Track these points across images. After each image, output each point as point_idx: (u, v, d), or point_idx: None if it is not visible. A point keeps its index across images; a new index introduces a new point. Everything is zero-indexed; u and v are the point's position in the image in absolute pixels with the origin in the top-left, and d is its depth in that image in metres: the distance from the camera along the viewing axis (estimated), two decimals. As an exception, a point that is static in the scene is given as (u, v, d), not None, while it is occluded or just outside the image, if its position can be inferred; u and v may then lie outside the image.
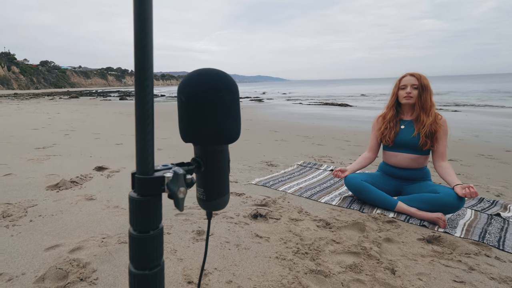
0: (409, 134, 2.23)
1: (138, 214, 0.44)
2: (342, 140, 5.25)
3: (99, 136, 5.51)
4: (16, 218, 1.96)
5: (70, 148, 4.33)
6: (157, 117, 9.35)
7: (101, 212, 2.09)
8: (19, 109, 12.41)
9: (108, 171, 3.10)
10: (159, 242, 0.46)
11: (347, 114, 10.34)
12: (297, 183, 2.74)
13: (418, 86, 2.19)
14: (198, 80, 0.51)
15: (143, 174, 0.44)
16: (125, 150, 4.25)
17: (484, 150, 4.64)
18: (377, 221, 2.01)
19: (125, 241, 1.69)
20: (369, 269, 1.45)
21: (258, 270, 1.45)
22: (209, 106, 0.50)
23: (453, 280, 1.43)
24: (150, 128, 0.43)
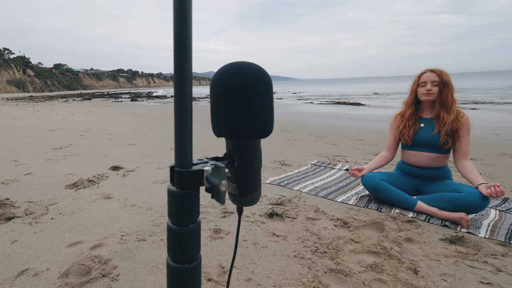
0: (429, 132, 2.17)
1: (177, 207, 0.43)
2: (356, 139, 5.18)
3: (112, 136, 5.60)
4: (38, 215, 2.01)
5: (85, 148, 4.41)
6: (166, 118, 9.50)
7: (119, 210, 2.13)
8: (35, 111, 12.75)
9: (123, 171, 3.15)
10: (197, 236, 0.46)
11: (360, 113, 10.21)
12: (312, 182, 2.72)
13: (439, 83, 2.12)
14: (233, 73, 0.50)
15: (182, 167, 0.43)
16: (139, 150, 4.31)
17: (506, 149, 4.49)
18: (396, 220, 1.96)
19: (143, 239, 1.71)
20: (391, 269, 1.42)
21: (277, 268, 1.44)
22: (245, 100, 0.49)
23: (479, 281, 1.39)
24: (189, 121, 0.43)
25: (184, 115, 0.42)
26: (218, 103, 0.51)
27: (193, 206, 0.44)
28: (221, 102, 0.50)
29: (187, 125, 0.43)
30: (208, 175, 0.44)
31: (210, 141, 4.92)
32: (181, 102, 0.41)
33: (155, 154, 4.01)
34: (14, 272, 1.39)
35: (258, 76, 0.50)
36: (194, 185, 0.44)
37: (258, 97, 0.50)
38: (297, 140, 5.02)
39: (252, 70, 0.50)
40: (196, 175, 0.44)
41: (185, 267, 0.44)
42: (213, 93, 0.52)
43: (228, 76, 0.50)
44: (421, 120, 2.24)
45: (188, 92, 0.41)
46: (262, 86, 0.50)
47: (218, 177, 0.43)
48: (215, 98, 0.51)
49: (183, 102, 0.41)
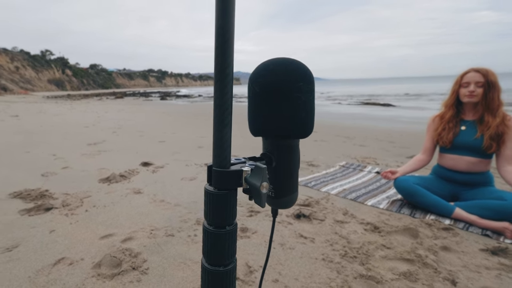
0: (471, 136, 2.03)
1: (215, 208, 0.42)
2: (386, 141, 4.99)
3: (143, 134, 5.73)
4: (74, 207, 2.10)
5: (118, 144, 4.56)
6: (194, 117, 9.69)
7: (149, 205, 2.17)
8: (72, 108, 13.24)
9: (153, 167, 3.22)
10: (233, 238, 0.44)
11: (390, 114, 9.86)
12: (340, 184, 2.64)
13: (484, 84, 1.97)
14: (273, 70, 0.47)
15: (221, 167, 0.42)
16: (168, 147, 4.38)
17: None
18: (432, 227, 1.86)
19: (172, 234, 1.74)
20: (426, 278, 1.34)
21: (304, 271, 1.41)
22: (286, 98, 0.47)
23: None
24: (228, 119, 0.41)
25: (223, 113, 0.41)
26: (257, 100, 0.49)
27: (230, 207, 0.43)
28: (260, 100, 0.48)
29: (227, 123, 0.41)
30: (247, 176, 0.42)
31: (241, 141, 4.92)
32: (221, 99, 0.40)
33: (183, 152, 4.07)
34: (52, 260, 1.45)
35: (300, 73, 0.47)
36: (232, 186, 0.42)
37: (300, 94, 0.47)
38: (324, 141, 4.92)
39: (293, 66, 0.48)
40: (235, 176, 0.42)
41: (220, 270, 0.43)
42: (252, 90, 0.49)
43: (268, 73, 0.47)
44: (462, 123, 2.10)
45: (228, 89, 0.40)
46: (304, 83, 0.47)
47: (259, 178, 0.41)
48: (254, 95, 0.49)
49: (223, 99, 0.40)
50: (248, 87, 0.50)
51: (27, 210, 2.01)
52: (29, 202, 2.15)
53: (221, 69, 0.39)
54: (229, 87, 0.40)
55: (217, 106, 0.40)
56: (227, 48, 0.38)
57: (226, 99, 0.40)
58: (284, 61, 0.48)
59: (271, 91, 0.47)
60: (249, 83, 0.50)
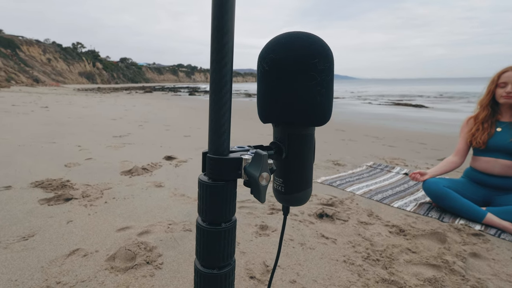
0: (507, 138, 1.87)
1: (209, 202, 0.35)
2: (417, 142, 4.71)
3: (169, 128, 5.54)
4: (94, 199, 2.03)
5: (143, 137, 4.40)
6: (205, 111, 9.34)
7: (169, 199, 2.09)
8: (101, 101, 12.74)
9: (176, 161, 3.10)
10: (231, 237, 0.37)
11: (422, 116, 9.28)
12: (366, 184, 2.53)
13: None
14: (285, 44, 0.39)
15: (217, 153, 0.35)
16: (193, 142, 4.26)
17: None
18: (461, 232, 1.72)
19: (189, 229, 1.67)
20: (452, 286, 1.24)
21: (324, 272, 1.33)
22: (298, 77, 0.38)
23: None
24: (226, 98, 0.33)
25: (221, 91, 0.33)
26: (266, 80, 0.41)
27: (227, 201, 0.35)
28: (269, 79, 0.40)
29: (225, 102, 0.34)
30: (247, 165, 0.34)
31: (252, 135, 4.78)
32: (218, 74, 0.33)
33: (207, 146, 4.06)
34: (66, 251, 1.39)
35: (316, 48, 0.38)
36: (229, 176, 0.35)
37: (315, 73, 0.38)
38: (352, 140, 4.75)
39: (309, 41, 0.39)
40: (233, 164, 0.35)
41: (214, 273, 0.37)
42: (261, 68, 0.41)
43: (280, 48, 0.39)
44: (498, 124, 1.94)
45: (227, 61, 0.33)
46: (320, 60, 0.38)
47: (258, 167, 0.33)
48: (263, 74, 0.41)
49: (220, 74, 0.33)
50: (257, 67, 0.43)
51: (47, 200, 1.96)
52: (50, 192, 2.09)
53: (218, 40, 0.32)
54: (228, 59, 0.33)
55: (214, 83, 0.33)
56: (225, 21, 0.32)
57: (224, 73, 0.33)
58: (300, 34, 0.39)
59: (281, 68, 0.38)
60: (258, 62, 0.42)
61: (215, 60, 0.33)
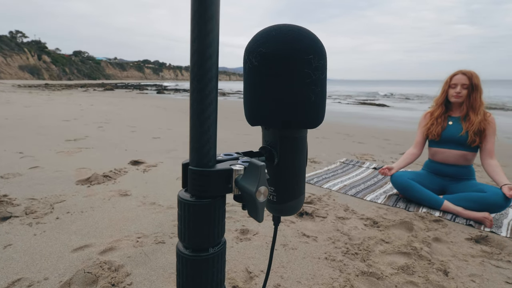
0: (457, 130, 2.02)
1: (193, 225, 0.27)
2: (382, 139, 4.89)
3: (135, 129, 4.78)
4: (41, 215, 1.64)
5: (103, 141, 3.74)
6: (185, 112, 8.03)
7: (137, 209, 1.80)
8: (50, 99, 10.46)
9: (144, 166, 2.68)
10: (220, 263, 0.29)
11: (385, 114, 9.64)
12: (341, 180, 2.60)
13: (468, 86, 1.98)
14: (277, 37, 0.32)
15: (201, 165, 0.27)
16: (163, 144, 3.71)
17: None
18: (424, 220, 1.82)
19: (162, 241, 1.44)
20: (421, 271, 1.31)
21: (307, 272, 1.28)
22: (292, 73, 0.32)
23: (505, 281, 1.27)
24: (212, 97, 0.26)
25: (205, 89, 0.26)
26: (254, 77, 0.34)
27: (216, 221, 0.28)
28: (259, 75, 0.33)
29: (210, 102, 0.26)
30: (238, 178, 0.28)
31: (238, 137, 4.31)
32: (202, 68, 0.26)
33: (180, 149, 3.42)
34: (3, 284, 1.09)
35: (310, 44, 0.33)
36: (217, 191, 0.27)
37: (309, 71, 0.33)
38: (325, 138, 4.84)
39: (303, 34, 0.33)
40: (221, 177, 0.27)
41: None
42: (249, 63, 0.34)
43: (270, 41, 0.32)
44: (450, 118, 2.09)
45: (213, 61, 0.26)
46: (315, 57, 0.33)
47: (254, 181, 0.27)
48: (251, 70, 0.34)
49: (204, 67, 0.26)
50: (243, 62, 0.35)
51: (-27, 222, 1.50)
52: (-23, 211, 1.61)
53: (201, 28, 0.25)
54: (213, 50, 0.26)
55: (196, 79, 0.26)
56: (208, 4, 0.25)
57: (209, 68, 0.26)
58: (291, 27, 0.33)
59: (273, 64, 0.32)
60: (245, 56, 0.35)
61: (196, 51, 0.25)
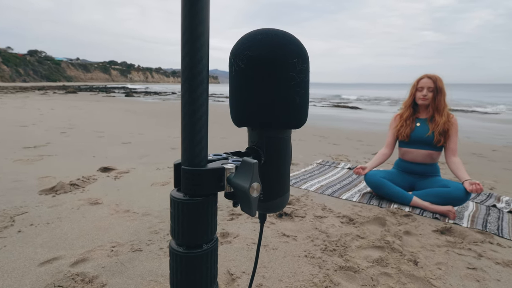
0: (424, 131, 2.17)
1: (186, 222, 0.28)
2: (355, 140, 5.10)
3: (103, 134, 4.56)
4: (0, 228, 1.54)
5: (68, 147, 3.52)
6: (166, 116, 7.89)
7: (109, 217, 1.73)
8: (2, 103, 9.77)
9: (115, 172, 2.57)
10: (213, 259, 0.30)
11: (358, 116, 10.05)
12: (318, 181, 2.68)
13: (434, 89, 2.13)
14: (264, 41, 0.34)
15: (193, 164, 0.28)
16: (135, 149, 3.55)
17: (476, 150, 4.47)
18: (396, 215, 1.93)
19: (139, 249, 1.40)
20: (394, 262, 1.39)
21: (288, 270, 1.32)
22: (278, 76, 0.34)
23: (467, 267, 1.39)
24: (203, 98, 0.27)
25: (197, 90, 0.27)
26: (241, 79, 0.35)
27: (209, 219, 0.29)
28: (245, 78, 0.35)
29: (201, 104, 0.27)
30: (230, 176, 0.29)
31: (213, 140, 4.23)
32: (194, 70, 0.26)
33: (153, 154, 3.32)
34: None
35: (295, 48, 0.35)
36: (210, 189, 0.29)
37: (294, 74, 0.35)
38: (302, 140, 4.96)
39: (287, 39, 0.35)
40: (214, 176, 0.29)
41: None
42: (235, 66, 0.35)
43: (257, 44, 0.34)
44: (417, 120, 2.23)
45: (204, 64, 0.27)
46: (299, 60, 0.35)
47: (247, 178, 0.28)
48: (238, 73, 0.35)
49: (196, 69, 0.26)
50: (229, 64, 0.37)
51: None
52: None
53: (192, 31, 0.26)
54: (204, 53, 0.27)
55: (187, 81, 0.27)
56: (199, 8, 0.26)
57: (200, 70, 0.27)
58: (276, 31, 0.35)
59: (259, 67, 0.34)
60: (230, 59, 0.36)
61: (188, 54, 0.26)
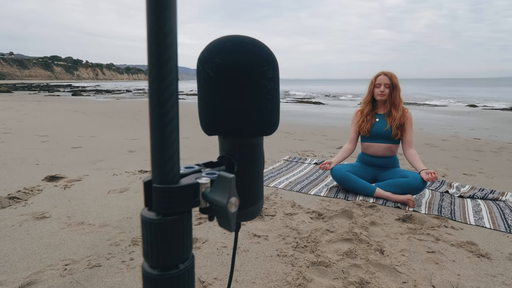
0: (383, 126, 2.28)
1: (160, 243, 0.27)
2: (320, 135, 5.26)
3: (47, 138, 4.14)
4: None
5: (4, 154, 3.13)
6: (121, 116, 7.48)
7: (60, 232, 1.57)
8: None
9: (64, 181, 2.35)
10: (191, 278, 0.29)
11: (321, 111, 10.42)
12: (286, 177, 2.71)
13: (390, 85, 2.24)
14: (233, 49, 0.34)
15: (165, 182, 0.27)
16: (87, 154, 3.27)
17: (428, 140, 4.90)
18: (361, 207, 2.02)
19: (98, 264, 1.30)
20: (362, 253, 1.44)
21: (261, 271, 1.30)
22: (249, 84, 0.35)
23: (426, 251, 1.49)
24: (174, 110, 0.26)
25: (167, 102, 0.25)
26: (211, 88, 0.35)
27: (184, 236, 0.28)
28: (216, 86, 0.35)
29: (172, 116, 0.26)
30: (206, 191, 0.28)
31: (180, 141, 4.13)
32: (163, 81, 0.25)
33: (108, 159, 3.11)
34: None
35: (265, 56, 0.35)
36: (185, 206, 0.27)
37: (265, 81, 0.35)
38: (268, 137, 4.98)
39: (256, 47, 0.35)
40: (188, 192, 0.27)
41: None
42: (203, 74, 0.35)
43: (226, 52, 0.34)
44: (376, 116, 2.34)
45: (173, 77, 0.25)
46: (269, 68, 0.36)
47: (225, 193, 0.27)
48: (207, 81, 0.35)
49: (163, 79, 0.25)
50: (197, 72, 0.36)
51: None
52: None
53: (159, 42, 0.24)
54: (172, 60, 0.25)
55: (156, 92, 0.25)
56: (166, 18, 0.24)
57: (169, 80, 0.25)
58: (245, 39, 0.35)
59: (230, 75, 0.34)
60: (199, 66, 0.36)
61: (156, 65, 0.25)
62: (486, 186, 2.53)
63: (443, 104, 14.72)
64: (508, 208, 2.07)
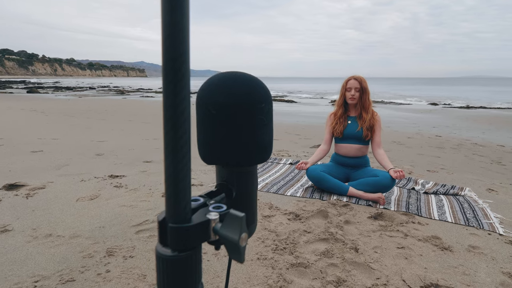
0: (354, 128, 2.40)
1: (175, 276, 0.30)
2: (294, 134, 5.38)
3: (1, 142, 3.88)
4: None
5: None
6: (86, 116, 7.33)
7: (26, 246, 1.46)
8: None
9: (26, 189, 2.19)
10: None
11: (293, 110, 10.63)
12: (263, 179, 2.74)
13: (360, 89, 2.35)
14: (233, 87, 0.38)
15: (179, 221, 0.29)
16: (49, 159, 3.05)
17: (395, 138, 5.22)
18: (336, 206, 2.10)
19: (71, 279, 1.23)
20: (338, 252, 1.51)
21: (242, 276, 1.31)
22: (248, 120, 0.38)
23: (397, 247, 1.59)
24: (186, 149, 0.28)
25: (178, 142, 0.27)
26: (213, 124, 0.38)
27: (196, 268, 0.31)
28: (217, 123, 0.38)
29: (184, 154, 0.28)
30: (216, 226, 0.31)
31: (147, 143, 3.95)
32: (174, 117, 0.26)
33: (74, 163, 2.93)
34: None
35: (262, 93, 0.39)
36: (198, 242, 0.30)
37: (263, 116, 0.39)
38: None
39: (253, 84, 0.39)
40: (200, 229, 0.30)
41: None
42: (205, 111, 0.38)
43: (227, 92, 0.38)
44: (349, 118, 2.46)
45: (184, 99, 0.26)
46: (266, 104, 0.39)
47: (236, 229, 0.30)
48: (209, 118, 0.38)
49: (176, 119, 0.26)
50: (197, 106, 0.39)
51: None
52: None
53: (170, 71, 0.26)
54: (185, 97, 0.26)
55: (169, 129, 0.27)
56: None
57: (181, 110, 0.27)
58: (244, 76, 0.39)
59: (231, 112, 0.37)
60: (199, 102, 0.39)
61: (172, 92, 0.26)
62: (448, 182, 2.75)
63: (408, 103, 15.74)
64: (466, 202, 2.28)
